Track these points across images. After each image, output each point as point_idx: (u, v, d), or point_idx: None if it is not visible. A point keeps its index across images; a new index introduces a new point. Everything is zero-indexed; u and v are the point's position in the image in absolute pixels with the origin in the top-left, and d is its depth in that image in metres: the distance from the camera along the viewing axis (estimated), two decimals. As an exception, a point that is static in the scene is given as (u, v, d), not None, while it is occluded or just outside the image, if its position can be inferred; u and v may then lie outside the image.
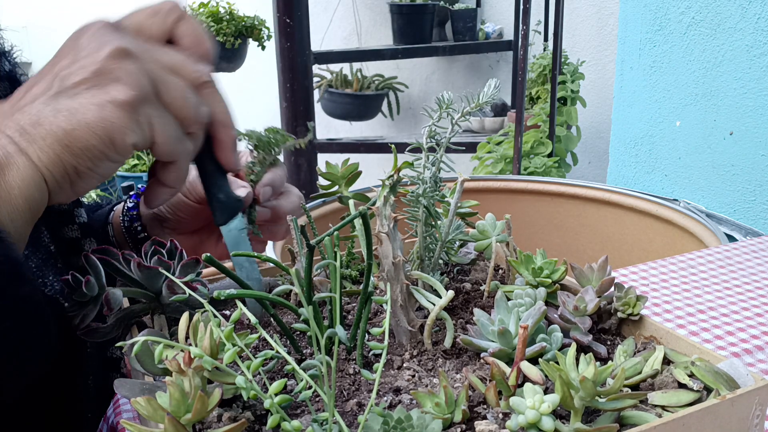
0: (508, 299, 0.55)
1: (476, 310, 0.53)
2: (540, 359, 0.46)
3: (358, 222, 0.61)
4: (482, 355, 0.50)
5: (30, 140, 0.47)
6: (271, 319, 0.56)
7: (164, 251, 0.55)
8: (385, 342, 0.43)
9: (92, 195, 2.49)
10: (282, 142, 0.65)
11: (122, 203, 0.79)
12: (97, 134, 0.47)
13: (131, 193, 0.78)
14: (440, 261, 0.64)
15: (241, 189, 0.66)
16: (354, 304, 0.62)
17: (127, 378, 0.77)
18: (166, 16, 0.54)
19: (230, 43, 3.03)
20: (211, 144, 0.57)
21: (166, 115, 0.51)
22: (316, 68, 3.24)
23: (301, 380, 0.42)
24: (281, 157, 0.70)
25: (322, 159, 2.93)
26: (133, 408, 0.39)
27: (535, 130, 2.50)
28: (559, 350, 0.50)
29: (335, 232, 0.54)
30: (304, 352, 0.54)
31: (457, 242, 0.67)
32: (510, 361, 0.49)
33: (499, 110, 3.07)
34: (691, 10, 1.45)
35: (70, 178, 0.49)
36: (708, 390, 0.45)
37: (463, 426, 0.43)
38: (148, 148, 0.51)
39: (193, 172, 0.69)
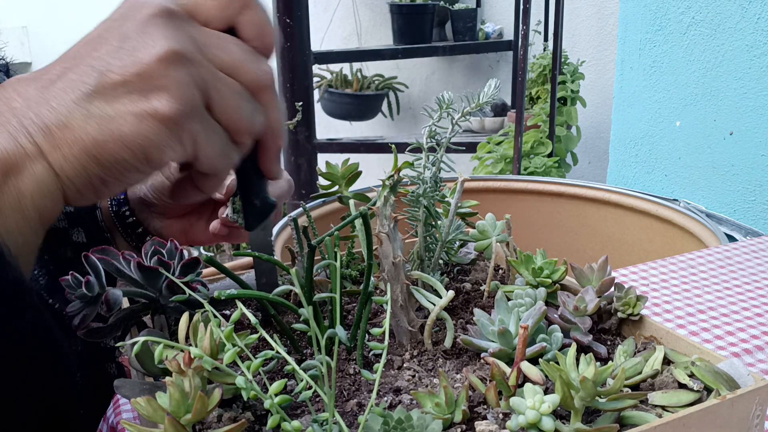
0: (508, 299, 0.55)
1: (476, 310, 0.53)
2: (540, 359, 0.46)
3: (358, 222, 0.61)
4: (482, 355, 0.50)
5: (54, 144, 0.42)
6: (272, 319, 0.56)
7: (164, 251, 0.55)
8: (385, 342, 0.43)
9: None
10: None
11: None
12: (131, 149, 0.42)
13: None
14: (440, 261, 0.64)
15: (230, 179, 0.63)
16: (354, 304, 0.62)
17: (124, 367, 0.77)
18: (231, 0, 0.46)
19: (230, 43, 3.02)
20: (254, 147, 0.51)
21: (214, 128, 0.45)
22: (316, 68, 3.24)
23: (301, 380, 0.42)
24: None
25: (322, 159, 2.93)
26: (133, 408, 0.39)
27: (535, 130, 2.50)
28: (560, 350, 0.50)
29: (335, 233, 0.54)
30: (304, 352, 0.54)
31: (457, 242, 0.67)
32: (510, 362, 0.49)
33: (499, 110, 3.07)
34: (691, 10, 1.45)
35: (94, 187, 0.44)
36: (708, 390, 0.45)
37: (464, 426, 0.43)
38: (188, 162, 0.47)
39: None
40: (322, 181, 0.68)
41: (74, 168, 0.42)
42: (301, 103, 2.63)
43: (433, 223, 0.61)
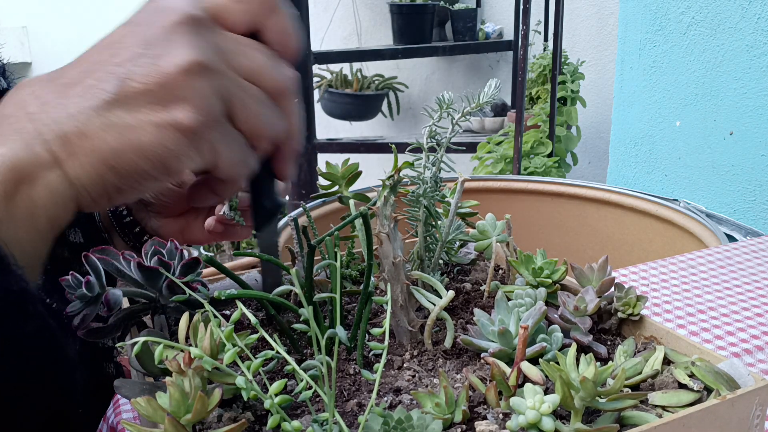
0: (509, 299, 0.55)
1: (476, 310, 0.53)
2: (540, 359, 0.46)
3: (358, 222, 0.61)
4: (482, 355, 0.50)
5: (71, 153, 0.41)
6: (272, 319, 0.56)
7: (164, 251, 0.55)
8: (386, 342, 0.43)
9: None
10: None
11: None
12: (149, 159, 0.41)
13: None
14: (440, 261, 0.64)
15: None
16: (354, 304, 0.62)
17: (122, 367, 0.77)
18: (256, 4, 0.46)
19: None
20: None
21: (234, 138, 0.45)
22: (316, 68, 3.24)
23: (301, 380, 0.42)
24: None
25: (322, 159, 2.93)
26: (133, 408, 0.38)
27: (535, 130, 2.50)
28: (560, 350, 0.50)
29: (335, 233, 0.54)
30: (305, 352, 0.54)
31: (457, 242, 0.67)
32: (510, 362, 0.49)
33: (499, 110, 3.07)
34: (691, 10, 1.45)
35: (109, 195, 0.43)
36: (708, 390, 0.45)
37: (464, 426, 0.43)
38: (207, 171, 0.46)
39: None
40: (322, 181, 0.68)
41: (90, 177, 0.41)
42: (298, 100, 2.62)
43: (433, 223, 0.61)
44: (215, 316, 0.45)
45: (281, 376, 0.50)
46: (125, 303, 0.55)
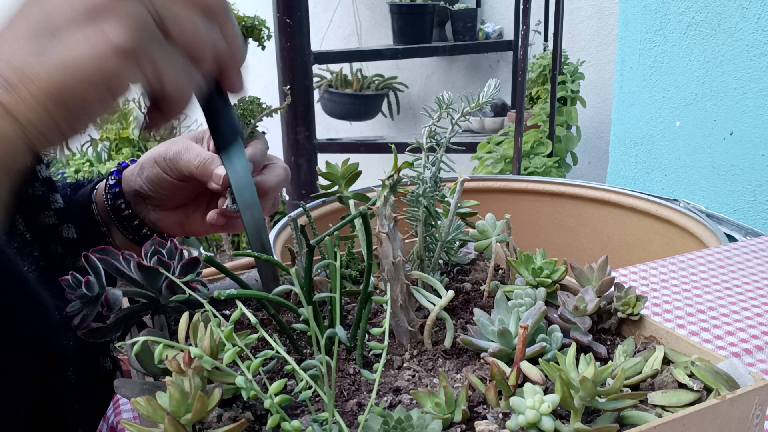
0: (508, 299, 0.55)
1: (476, 310, 0.53)
2: (540, 359, 0.46)
3: (358, 222, 0.61)
4: (482, 355, 0.50)
5: (18, 99, 0.42)
6: (272, 319, 0.56)
7: (164, 251, 0.55)
8: (385, 342, 0.43)
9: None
10: (258, 112, 0.63)
11: (104, 180, 0.77)
12: (94, 86, 0.43)
13: (112, 170, 0.77)
14: (440, 261, 0.64)
15: (220, 167, 0.64)
16: (354, 304, 0.62)
17: (119, 361, 0.77)
18: None
19: (230, 43, 3.01)
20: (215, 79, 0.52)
21: (174, 54, 0.46)
22: (316, 68, 3.24)
23: (301, 380, 0.42)
24: (262, 130, 0.68)
25: (322, 159, 2.93)
26: (133, 408, 0.39)
27: (535, 130, 2.50)
28: (559, 350, 0.50)
29: (335, 232, 0.54)
30: (304, 352, 0.54)
31: (457, 242, 0.67)
32: (510, 361, 0.49)
33: (499, 110, 3.07)
34: (691, 10, 1.45)
35: (62, 131, 0.44)
36: (708, 390, 0.45)
37: (463, 426, 0.43)
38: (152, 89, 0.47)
39: (175, 147, 0.67)
40: (322, 181, 0.68)
41: (41, 117, 0.42)
42: (288, 87, 2.62)
43: (433, 223, 0.61)
44: (215, 316, 0.45)
45: (281, 376, 0.50)
46: (125, 303, 0.55)
